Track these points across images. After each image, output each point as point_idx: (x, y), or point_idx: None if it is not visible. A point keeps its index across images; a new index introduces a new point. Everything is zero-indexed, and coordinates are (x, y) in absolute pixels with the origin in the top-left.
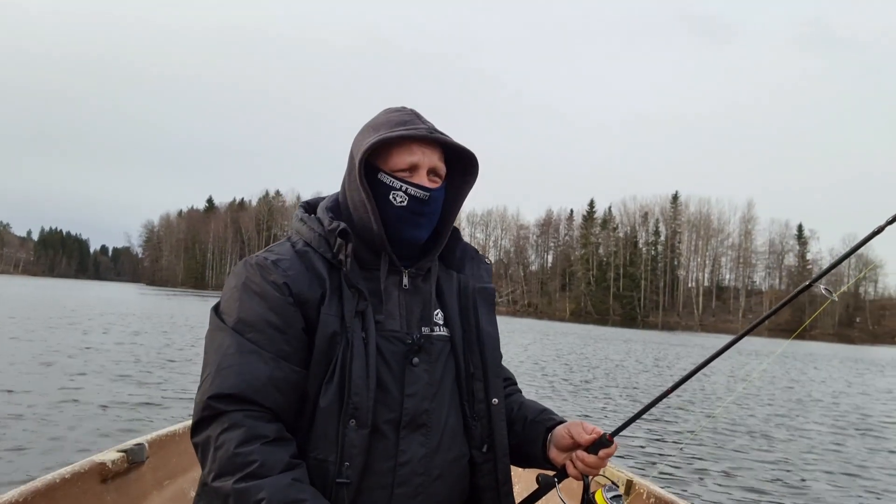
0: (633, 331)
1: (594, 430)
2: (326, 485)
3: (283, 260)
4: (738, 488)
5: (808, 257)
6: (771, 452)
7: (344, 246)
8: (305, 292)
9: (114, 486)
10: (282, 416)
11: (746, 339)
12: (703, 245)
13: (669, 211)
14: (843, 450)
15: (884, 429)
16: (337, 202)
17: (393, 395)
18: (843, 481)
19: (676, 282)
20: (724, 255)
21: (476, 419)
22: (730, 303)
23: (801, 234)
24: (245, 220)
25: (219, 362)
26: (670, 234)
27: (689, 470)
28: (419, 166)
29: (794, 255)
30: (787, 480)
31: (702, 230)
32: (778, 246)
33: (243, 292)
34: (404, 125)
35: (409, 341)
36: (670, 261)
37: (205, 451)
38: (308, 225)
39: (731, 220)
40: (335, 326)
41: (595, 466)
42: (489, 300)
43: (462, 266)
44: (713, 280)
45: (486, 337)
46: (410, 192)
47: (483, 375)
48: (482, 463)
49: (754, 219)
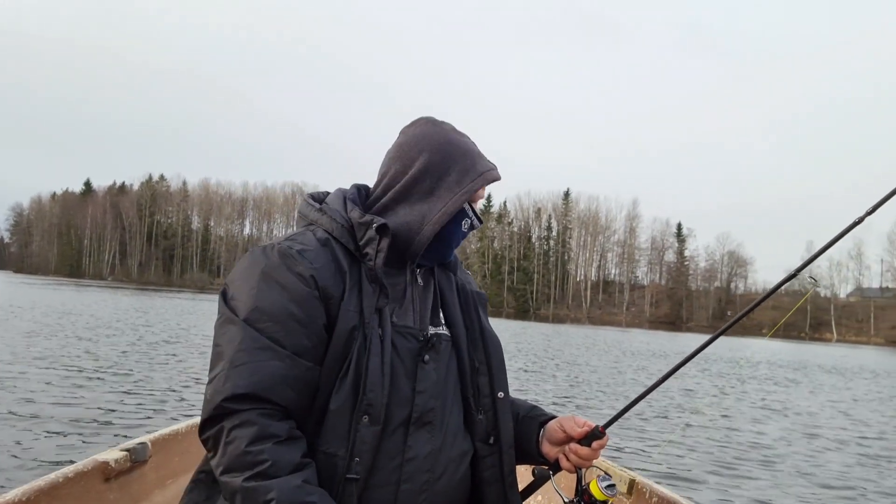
0: (526, 323)
1: (586, 423)
2: (335, 480)
3: (308, 250)
4: (739, 487)
5: (686, 254)
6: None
7: (377, 240)
8: (331, 287)
9: (117, 485)
10: (294, 413)
11: (628, 332)
12: (591, 241)
13: (561, 207)
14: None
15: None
16: (359, 196)
17: (404, 393)
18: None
19: (567, 276)
20: (611, 250)
21: (482, 412)
22: (615, 296)
23: (680, 233)
24: (126, 205)
25: (231, 358)
26: (561, 230)
27: (690, 470)
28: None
29: (673, 251)
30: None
31: (590, 226)
32: (659, 243)
33: (262, 281)
34: (482, 158)
35: (422, 339)
36: (561, 255)
37: (215, 446)
38: (328, 215)
39: (617, 217)
40: (354, 321)
41: (588, 458)
42: (484, 304)
43: (456, 269)
44: (600, 275)
45: (488, 334)
46: (474, 222)
47: (488, 370)
48: (487, 456)
49: (638, 217)
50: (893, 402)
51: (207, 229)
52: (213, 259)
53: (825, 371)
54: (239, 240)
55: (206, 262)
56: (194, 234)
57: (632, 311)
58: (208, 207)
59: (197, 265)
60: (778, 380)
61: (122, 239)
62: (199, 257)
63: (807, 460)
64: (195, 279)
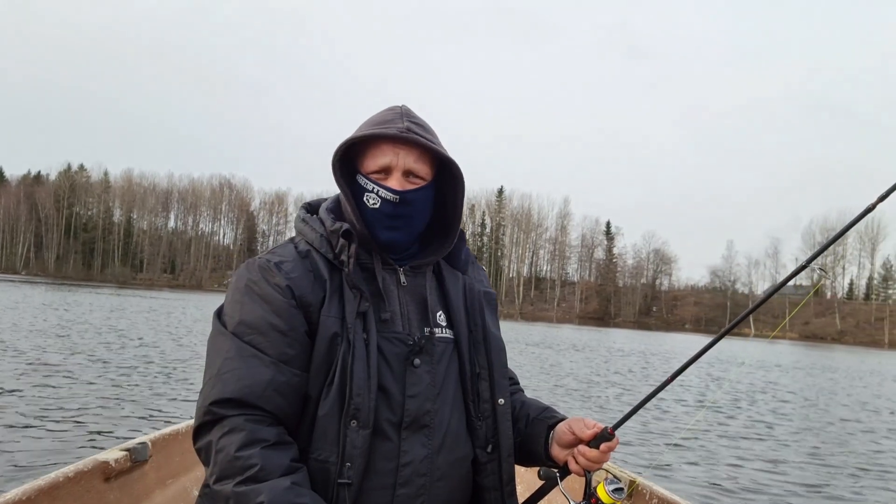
0: None
1: (595, 424)
2: (328, 486)
3: (285, 262)
4: (738, 486)
5: (615, 251)
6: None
7: (347, 246)
8: (308, 295)
9: (117, 485)
10: (283, 420)
11: (559, 328)
12: (524, 238)
13: (495, 204)
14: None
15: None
16: (338, 203)
17: (394, 397)
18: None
19: (500, 272)
20: (543, 247)
21: (481, 419)
22: (546, 293)
23: (609, 231)
24: (42, 196)
25: (219, 367)
26: (495, 227)
27: (689, 468)
28: (392, 167)
29: (602, 249)
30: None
31: (523, 224)
32: (589, 241)
33: (245, 295)
34: (381, 124)
35: (411, 342)
36: (494, 252)
37: (207, 455)
38: (310, 225)
39: (549, 215)
40: (335, 328)
41: (597, 460)
42: (493, 304)
43: (466, 268)
44: (532, 271)
45: (491, 337)
46: (381, 194)
47: (489, 375)
48: (486, 462)
49: (569, 215)
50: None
51: (130, 222)
52: (137, 253)
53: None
54: (163, 233)
55: (128, 256)
56: (116, 227)
57: (563, 306)
58: (131, 199)
59: (119, 259)
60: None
61: (38, 231)
62: (122, 251)
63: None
64: (117, 274)
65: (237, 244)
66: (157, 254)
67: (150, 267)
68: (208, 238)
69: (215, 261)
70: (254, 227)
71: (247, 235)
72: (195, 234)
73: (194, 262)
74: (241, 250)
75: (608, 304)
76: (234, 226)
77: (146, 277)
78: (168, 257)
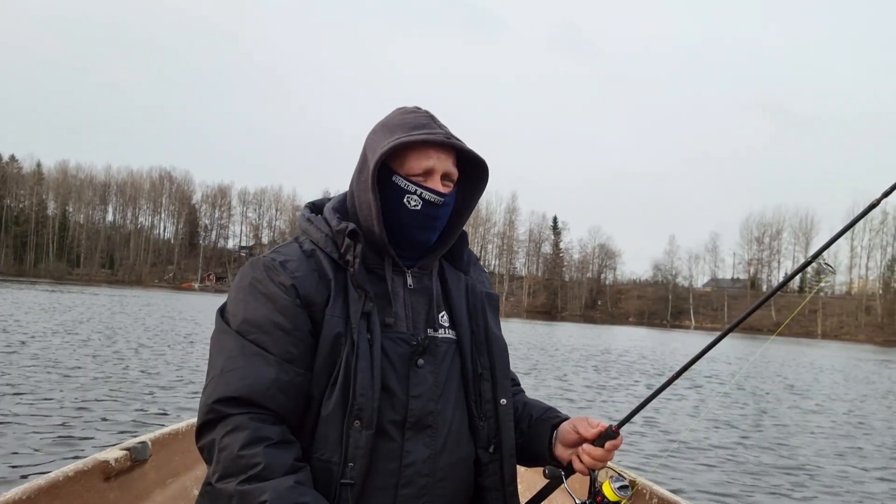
0: None
1: (599, 423)
2: (330, 486)
3: (290, 261)
4: (738, 486)
5: (562, 246)
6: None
7: (353, 247)
8: (313, 294)
9: (117, 484)
10: (286, 419)
11: (507, 322)
12: (472, 232)
13: None
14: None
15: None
16: (343, 202)
17: (398, 397)
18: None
19: None
20: (491, 242)
21: (483, 419)
22: (495, 287)
23: (556, 226)
24: None
25: (223, 365)
26: None
27: (689, 468)
28: (434, 171)
29: (549, 244)
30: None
31: (472, 218)
32: (536, 235)
33: (249, 293)
34: (422, 129)
35: (415, 343)
36: None
37: (210, 453)
38: (315, 225)
39: (497, 210)
40: (339, 328)
41: (602, 459)
42: (495, 305)
43: (468, 269)
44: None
45: (494, 339)
46: (425, 196)
47: (491, 376)
48: (488, 463)
49: (517, 210)
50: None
51: (65, 215)
52: (73, 247)
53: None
54: (101, 227)
55: (63, 250)
56: (50, 221)
57: (510, 301)
58: (66, 192)
59: (54, 254)
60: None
61: None
62: (57, 245)
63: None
64: (52, 269)
65: (178, 238)
66: (94, 248)
67: (88, 262)
68: (148, 232)
69: (155, 255)
70: (196, 221)
71: (188, 229)
72: (134, 228)
73: (134, 257)
74: (182, 244)
75: (555, 298)
76: (175, 219)
77: (83, 273)
78: (106, 252)
